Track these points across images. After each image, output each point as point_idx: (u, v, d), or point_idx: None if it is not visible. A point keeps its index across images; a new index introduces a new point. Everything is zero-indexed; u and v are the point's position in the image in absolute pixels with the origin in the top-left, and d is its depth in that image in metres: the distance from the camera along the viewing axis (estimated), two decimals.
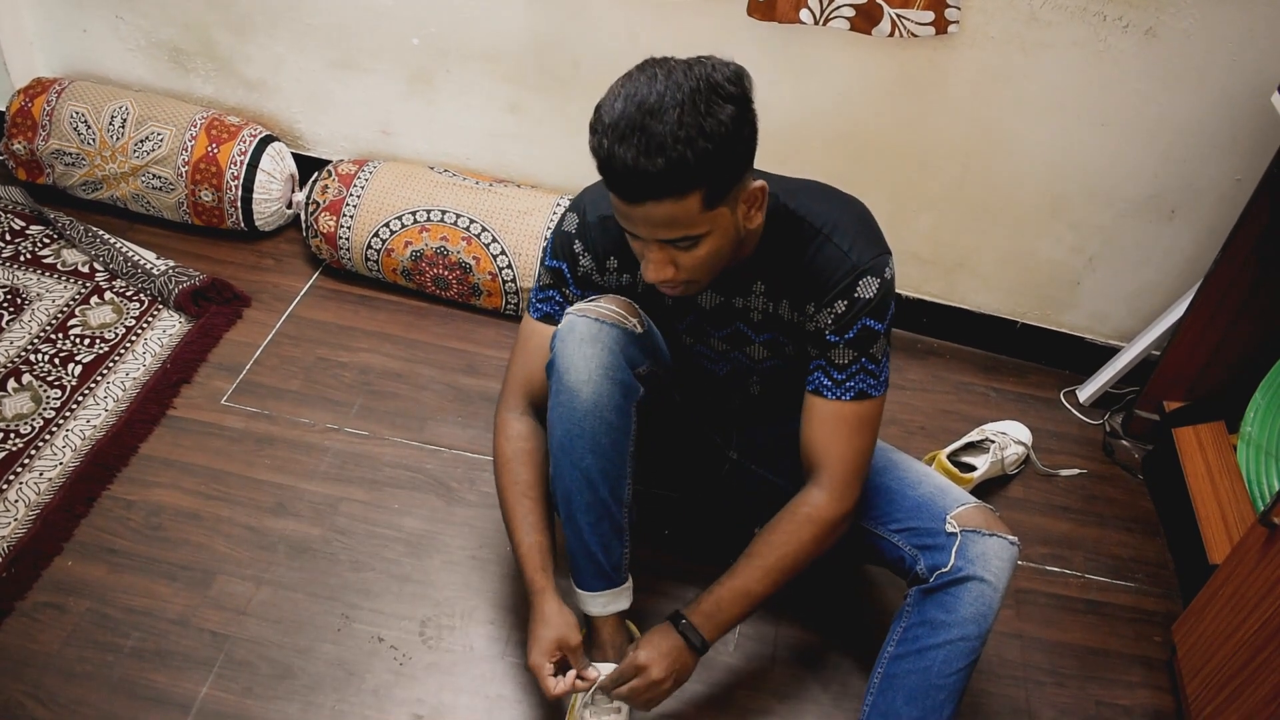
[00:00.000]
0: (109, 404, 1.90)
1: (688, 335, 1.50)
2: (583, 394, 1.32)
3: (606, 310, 1.35)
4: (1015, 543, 1.39)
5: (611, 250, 1.42)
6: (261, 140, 2.26)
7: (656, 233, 1.20)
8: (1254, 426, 1.80)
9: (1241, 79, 1.78)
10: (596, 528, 1.39)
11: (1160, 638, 1.74)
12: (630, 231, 1.23)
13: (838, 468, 1.36)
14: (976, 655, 1.36)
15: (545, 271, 1.47)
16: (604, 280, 1.45)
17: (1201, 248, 2.00)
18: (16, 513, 1.70)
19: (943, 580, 1.37)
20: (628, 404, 1.36)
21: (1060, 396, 2.18)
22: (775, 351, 1.47)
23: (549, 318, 1.47)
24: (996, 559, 1.36)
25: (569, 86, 2.11)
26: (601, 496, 1.37)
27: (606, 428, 1.34)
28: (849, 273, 1.31)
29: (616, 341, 1.33)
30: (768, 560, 1.36)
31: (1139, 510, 1.97)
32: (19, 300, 2.09)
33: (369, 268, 2.20)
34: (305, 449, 1.87)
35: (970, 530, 1.38)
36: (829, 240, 1.32)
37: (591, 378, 1.32)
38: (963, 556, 1.36)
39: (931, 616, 1.37)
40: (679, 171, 1.12)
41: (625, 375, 1.34)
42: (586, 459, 1.35)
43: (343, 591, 1.65)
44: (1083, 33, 1.79)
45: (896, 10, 1.79)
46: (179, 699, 1.49)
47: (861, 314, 1.31)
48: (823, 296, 1.33)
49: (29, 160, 2.32)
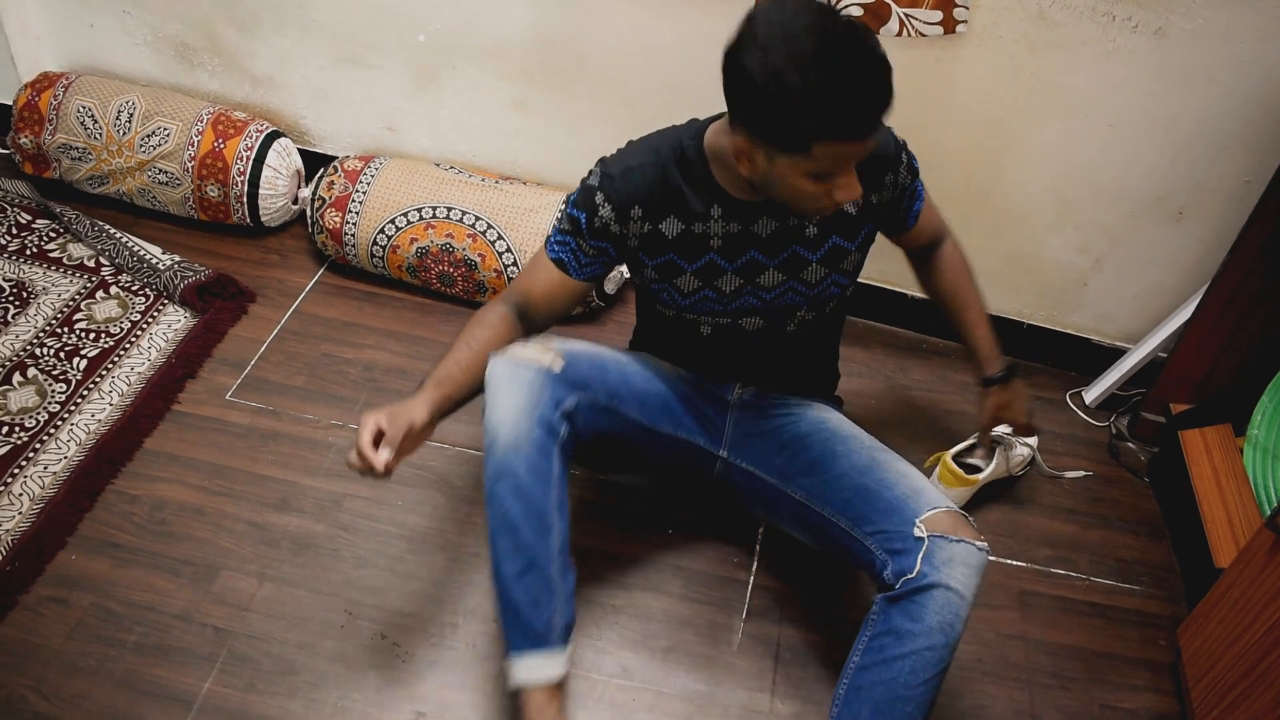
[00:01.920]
0: (114, 398, 1.90)
1: (739, 275, 1.48)
2: (501, 434, 1.35)
3: (522, 352, 1.41)
4: (984, 548, 1.38)
5: (635, 199, 1.42)
6: (268, 136, 2.26)
7: (865, 153, 1.25)
8: (1261, 429, 1.79)
9: (1251, 80, 1.77)
10: (521, 578, 1.35)
11: (1165, 641, 1.73)
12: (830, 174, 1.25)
13: (945, 228, 1.70)
14: (945, 665, 1.35)
15: (567, 218, 1.47)
16: (624, 230, 1.44)
17: (1209, 249, 1.99)
18: (21, 506, 1.70)
19: (909, 587, 1.35)
20: (550, 442, 1.37)
21: (1066, 398, 2.17)
22: (833, 265, 1.49)
23: (560, 263, 1.49)
24: (963, 565, 1.34)
25: (575, 83, 2.11)
26: (525, 541, 1.34)
27: (528, 467, 1.34)
28: (889, 133, 1.47)
29: (533, 381, 1.37)
30: (972, 294, 1.70)
31: (1144, 513, 1.96)
32: (25, 294, 2.09)
33: (374, 264, 2.20)
34: (309, 445, 1.87)
35: (938, 535, 1.36)
36: None
37: (509, 418, 1.35)
38: (929, 563, 1.34)
39: (897, 626, 1.35)
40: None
41: (546, 413, 1.36)
42: (508, 501, 1.35)
43: (346, 588, 1.65)
44: (1092, 33, 1.78)
45: (904, 10, 1.78)
46: (181, 694, 1.49)
47: (909, 155, 1.52)
48: (891, 162, 1.46)
49: (36, 154, 2.32)
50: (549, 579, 1.35)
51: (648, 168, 1.41)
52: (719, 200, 1.42)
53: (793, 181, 1.27)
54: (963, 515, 1.41)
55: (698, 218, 1.43)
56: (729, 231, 1.44)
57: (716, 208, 1.42)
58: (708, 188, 1.41)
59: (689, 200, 1.42)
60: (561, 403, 1.39)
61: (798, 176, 1.26)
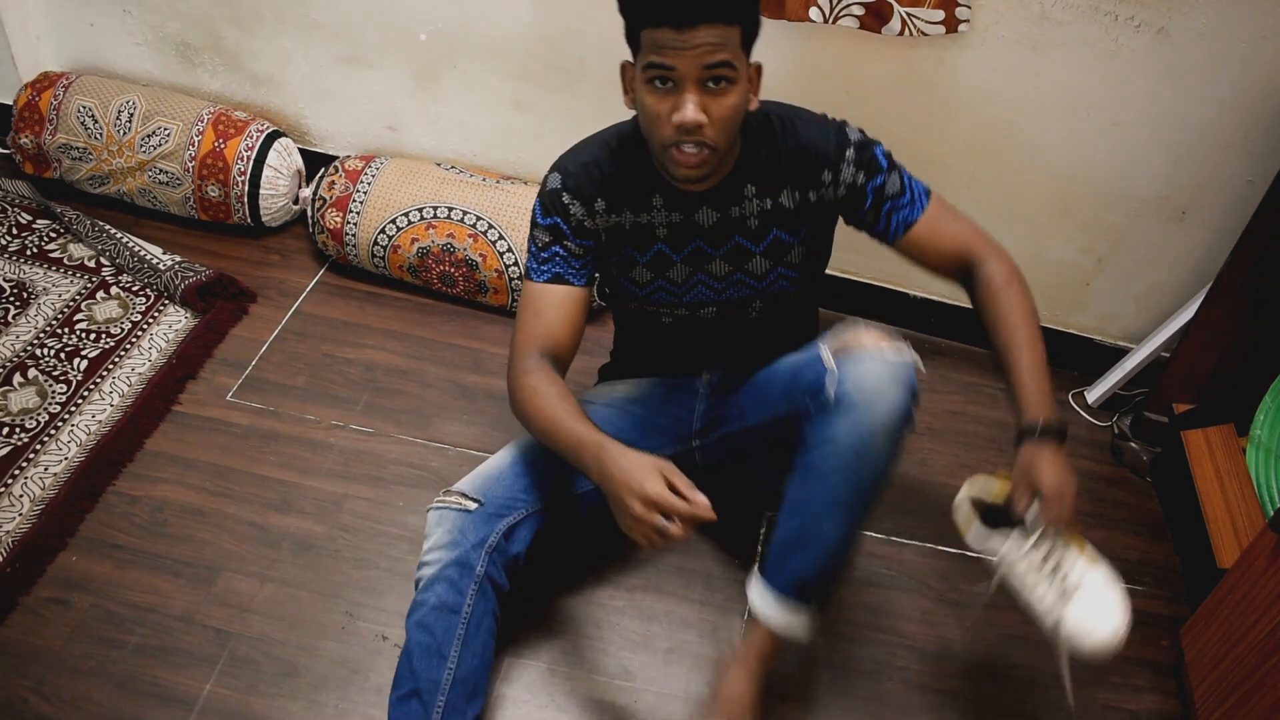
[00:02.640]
0: (114, 399, 1.90)
1: (687, 265, 1.48)
2: (421, 572, 1.42)
3: (443, 498, 1.47)
4: (894, 355, 1.33)
5: (597, 192, 1.44)
6: (269, 136, 2.26)
7: (700, 59, 1.21)
8: (1264, 430, 1.79)
9: (1254, 79, 1.77)
10: (401, 704, 1.37)
11: (1168, 642, 1.73)
12: (668, 67, 1.23)
13: (980, 239, 1.47)
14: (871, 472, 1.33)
15: (542, 231, 1.45)
16: (595, 224, 1.45)
17: (1212, 249, 1.98)
18: (21, 508, 1.70)
19: (820, 408, 1.34)
20: (464, 579, 1.40)
21: (1069, 398, 2.17)
22: (777, 258, 1.48)
23: (558, 278, 1.45)
24: (872, 378, 1.31)
25: (576, 83, 2.11)
26: (416, 669, 1.37)
27: (436, 602, 1.39)
28: (833, 130, 1.42)
29: (455, 522, 1.43)
30: (1026, 331, 1.40)
31: (1147, 513, 1.95)
32: (25, 294, 2.09)
33: (375, 264, 2.19)
34: (310, 446, 1.87)
35: (843, 353, 1.34)
36: (800, 119, 1.43)
37: (429, 557, 1.42)
38: (839, 381, 1.32)
39: (809, 443, 1.35)
40: None
41: (464, 553, 1.41)
42: (411, 631, 1.39)
43: (347, 589, 1.65)
44: (1094, 32, 1.78)
45: (907, 9, 1.78)
46: (183, 696, 1.49)
47: (872, 146, 1.43)
48: (833, 160, 1.41)
49: (36, 154, 2.32)
50: (429, 709, 1.36)
51: (601, 162, 1.43)
52: (659, 189, 1.43)
53: (643, 99, 1.28)
54: (880, 328, 1.37)
55: (644, 208, 1.44)
56: (672, 221, 1.45)
57: (658, 197, 1.43)
58: (648, 176, 1.42)
59: (635, 190, 1.43)
60: (485, 540, 1.43)
61: (644, 90, 1.27)
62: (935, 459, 1.99)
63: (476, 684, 1.41)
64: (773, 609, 1.40)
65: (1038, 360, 1.39)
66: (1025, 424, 1.35)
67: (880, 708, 1.58)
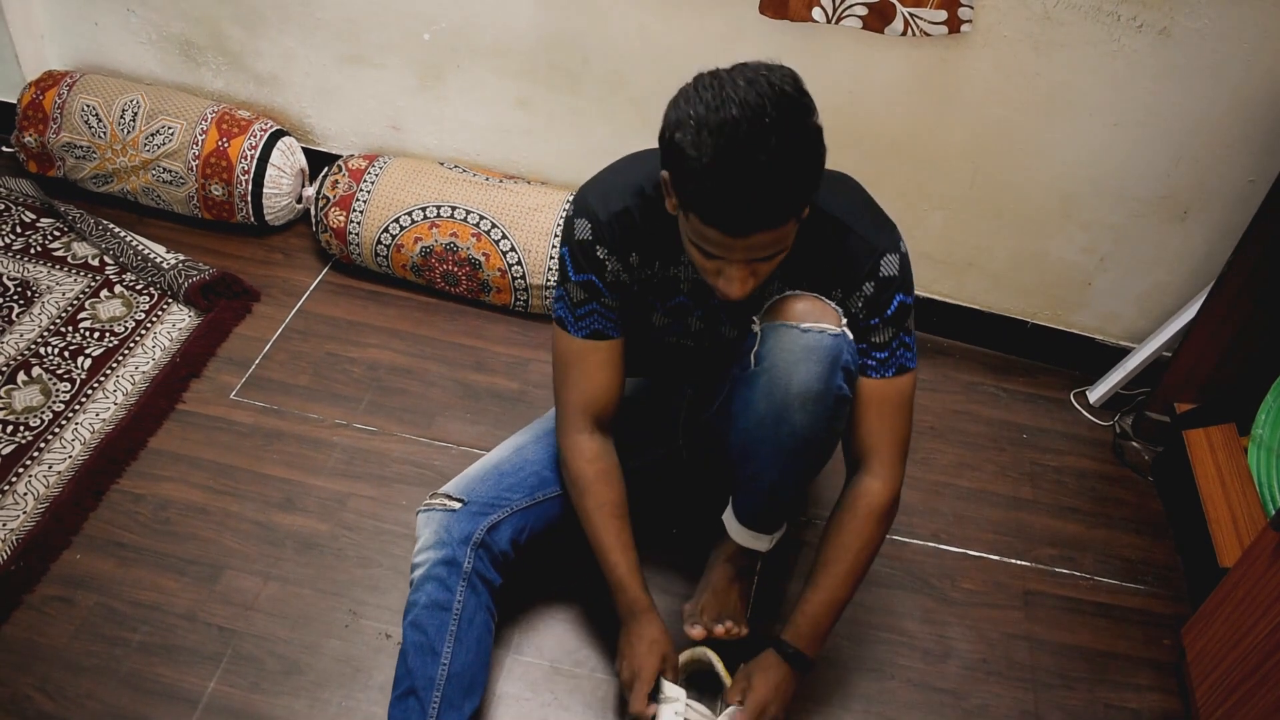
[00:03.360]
0: (118, 397, 1.91)
1: (703, 321, 1.48)
2: (413, 573, 1.45)
3: (429, 500, 1.50)
4: (815, 332, 1.29)
5: (632, 246, 1.39)
6: (272, 135, 2.26)
7: (754, 254, 1.19)
8: (1265, 429, 1.79)
9: (1256, 79, 1.77)
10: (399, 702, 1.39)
11: (1170, 641, 1.73)
12: (714, 255, 1.20)
13: (890, 451, 1.39)
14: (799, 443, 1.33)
15: (576, 287, 1.41)
16: (630, 277, 1.42)
17: (1214, 249, 1.98)
18: (25, 506, 1.70)
19: (742, 377, 1.36)
20: (452, 576, 1.43)
21: (1070, 397, 2.17)
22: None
23: (598, 334, 1.43)
24: (786, 351, 1.29)
25: (579, 82, 2.11)
26: (412, 668, 1.39)
27: (427, 600, 1.41)
28: (869, 254, 1.32)
29: (441, 521, 1.46)
30: (846, 565, 1.40)
31: (1149, 512, 1.96)
32: (29, 293, 2.09)
33: (378, 263, 2.20)
34: (314, 444, 1.87)
35: (770, 325, 1.33)
36: (845, 227, 1.33)
37: (418, 559, 1.45)
38: (760, 354, 1.32)
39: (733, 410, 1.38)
40: (792, 202, 1.14)
41: (450, 551, 1.43)
42: (406, 631, 1.42)
43: (350, 588, 1.65)
44: (1096, 32, 1.78)
45: (910, 9, 1.78)
46: (186, 693, 1.49)
47: (894, 291, 1.34)
48: (849, 283, 1.34)
49: (40, 153, 2.32)
50: (425, 706, 1.38)
51: (633, 211, 1.36)
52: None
53: (689, 244, 1.24)
54: (815, 299, 1.33)
55: (673, 261, 1.41)
56: (697, 279, 1.42)
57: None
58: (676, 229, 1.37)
59: (666, 244, 1.39)
60: (470, 536, 1.45)
61: (689, 243, 1.24)
62: (937, 458, 2.00)
63: (473, 679, 1.42)
64: (737, 531, 1.51)
65: (839, 597, 1.41)
66: (784, 641, 1.43)
67: (882, 706, 1.58)
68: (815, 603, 1.41)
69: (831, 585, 1.40)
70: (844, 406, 1.35)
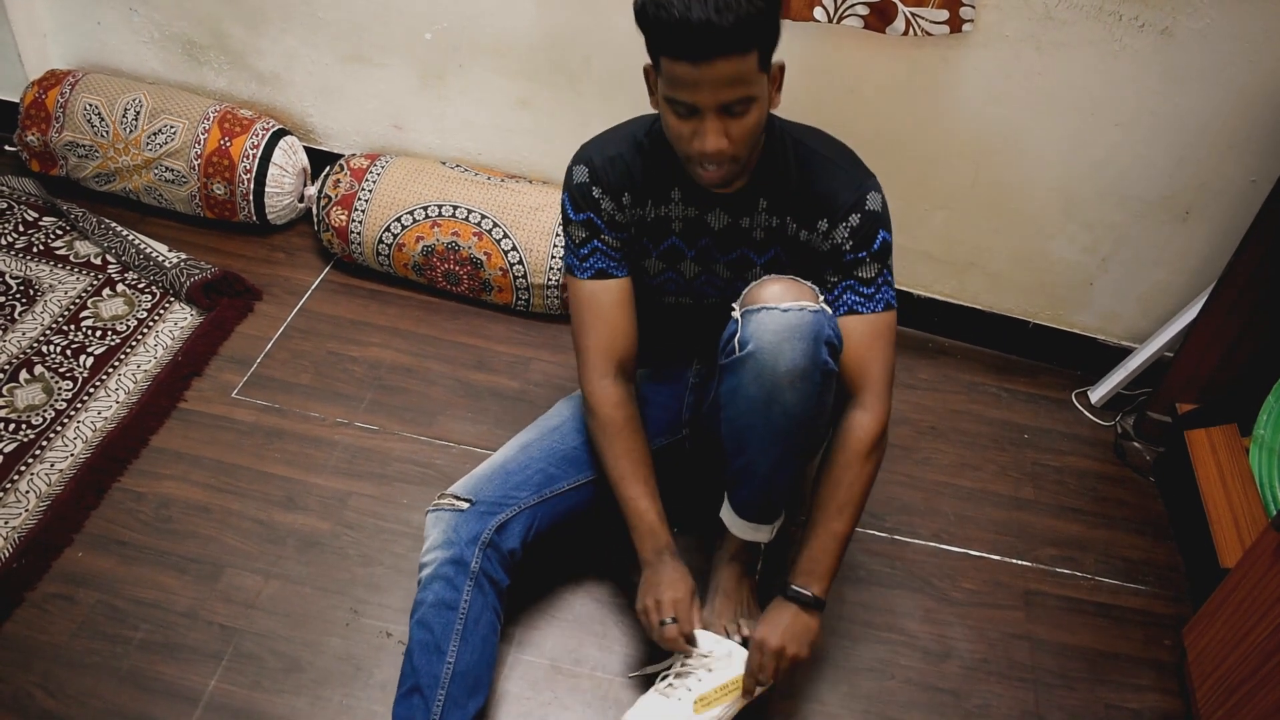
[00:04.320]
0: (120, 396, 1.91)
1: (697, 263, 1.51)
2: (421, 572, 1.46)
3: (438, 500, 1.51)
4: (796, 310, 1.31)
5: (624, 186, 1.45)
6: (274, 134, 2.26)
7: (720, 94, 1.23)
8: (1267, 429, 1.79)
9: (1258, 79, 1.77)
10: (404, 699, 1.40)
11: (1170, 641, 1.73)
12: (688, 103, 1.25)
13: (877, 385, 1.43)
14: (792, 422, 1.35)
15: (577, 227, 1.48)
16: (624, 217, 1.47)
17: (1216, 249, 1.98)
18: (27, 503, 1.70)
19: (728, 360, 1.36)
20: (460, 575, 1.44)
21: (1072, 397, 2.17)
22: (774, 271, 1.48)
23: (602, 273, 1.49)
24: (770, 331, 1.31)
25: (580, 81, 2.11)
26: (417, 666, 1.40)
27: (434, 599, 1.43)
28: (856, 186, 1.39)
29: (449, 521, 1.47)
30: (840, 499, 1.43)
31: (1150, 513, 1.96)
32: (31, 291, 2.10)
33: (380, 262, 2.20)
34: (315, 443, 1.87)
35: (748, 308, 1.34)
36: (830, 161, 1.41)
37: (426, 559, 1.46)
38: (744, 335, 1.34)
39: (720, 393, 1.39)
40: (748, 25, 1.18)
41: (458, 551, 1.44)
42: (413, 629, 1.42)
43: (351, 586, 1.65)
44: (1098, 32, 1.78)
45: (911, 9, 1.78)
46: (187, 691, 1.49)
47: (879, 225, 1.39)
48: (836, 212, 1.39)
49: (42, 152, 2.32)
50: (430, 704, 1.38)
51: (626, 156, 1.45)
52: (679, 183, 1.45)
53: (666, 118, 1.30)
54: (791, 280, 1.36)
55: (664, 200, 1.46)
56: (687, 215, 1.47)
57: (676, 190, 1.45)
58: (670, 170, 1.44)
59: (657, 184, 1.45)
60: (479, 536, 1.46)
61: (666, 108, 1.29)
62: (938, 457, 2.00)
63: (478, 679, 1.42)
64: (737, 526, 1.52)
65: (836, 530, 1.43)
66: (790, 587, 1.45)
67: (883, 706, 1.58)
68: (813, 540, 1.44)
69: (827, 520, 1.43)
70: (831, 381, 1.37)
